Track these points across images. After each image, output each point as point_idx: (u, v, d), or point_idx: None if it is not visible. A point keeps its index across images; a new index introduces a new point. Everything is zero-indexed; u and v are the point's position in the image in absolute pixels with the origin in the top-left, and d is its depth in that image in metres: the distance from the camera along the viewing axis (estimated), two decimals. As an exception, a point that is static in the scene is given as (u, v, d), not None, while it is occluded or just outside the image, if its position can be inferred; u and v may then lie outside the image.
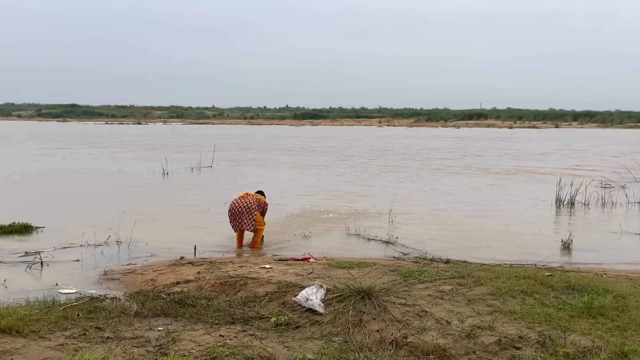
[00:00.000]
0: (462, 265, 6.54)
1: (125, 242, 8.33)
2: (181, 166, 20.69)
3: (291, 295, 5.20)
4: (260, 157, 27.21)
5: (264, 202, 8.43)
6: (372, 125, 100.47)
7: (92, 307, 5.17)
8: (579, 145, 39.41)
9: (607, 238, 9.28)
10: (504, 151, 32.41)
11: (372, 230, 9.24)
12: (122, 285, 6.27)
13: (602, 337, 4.13)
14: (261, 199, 8.39)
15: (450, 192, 14.79)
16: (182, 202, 12.77)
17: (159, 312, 5.07)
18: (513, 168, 21.84)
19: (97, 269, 7.00)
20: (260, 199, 8.36)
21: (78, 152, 29.61)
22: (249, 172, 19.86)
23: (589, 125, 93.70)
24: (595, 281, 5.56)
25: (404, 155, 28.94)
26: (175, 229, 9.62)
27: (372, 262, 6.64)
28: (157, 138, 47.17)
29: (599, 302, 4.72)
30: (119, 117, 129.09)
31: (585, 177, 15.75)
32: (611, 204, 12.53)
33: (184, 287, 5.79)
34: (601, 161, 25.20)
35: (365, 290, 5.01)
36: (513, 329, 4.32)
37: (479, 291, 5.18)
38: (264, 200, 8.44)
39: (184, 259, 7.24)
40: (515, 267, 6.44)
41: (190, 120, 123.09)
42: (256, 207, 8.08)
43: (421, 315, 4.66)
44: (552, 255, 7.81)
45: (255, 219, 8.03)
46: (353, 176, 18.59)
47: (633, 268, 7.28)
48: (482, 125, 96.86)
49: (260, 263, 6.56)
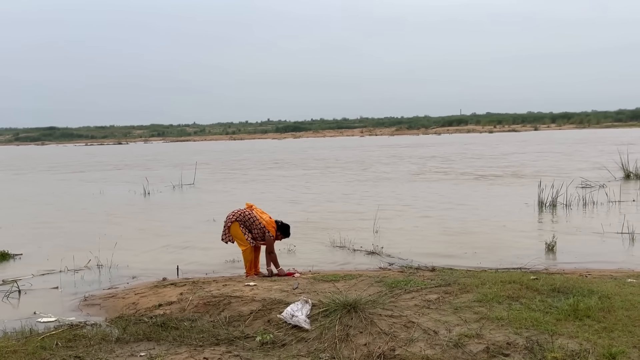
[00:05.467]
0: (448, 272, 6.51)
1: (106, 266, 8.16)
2: (162, 185, 20.48)
3: (276, 313, 5.10)
4: (243, 172, 27.08)
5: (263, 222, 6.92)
6: (354, 136, 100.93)
7: (71, 335, 5.03)
8: (557, 146, 39.96)
9: (590, 238, 9.34)
10: (484, 155, 32.70)
11: (357, 241, 9.18)
12: (102, 310, 6.12)
13: (589, 340, 4.11)
14: (257, 216, 6.94)
15: (434, 198, 14.82)
16: (164, 221, 12.60)
17: (141, 336, 4.95)
18: (495, 172, 22.01)
19: (77, 294, 6.83)
20: (255, 215, 6.93)
21: (56, 176, 29.17)
22: (232, 187, 19.71)
23: (567, 127, 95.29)
24: (580, 282, 5.56)
25: (387, 163, 29.03)
26: (157, 249, 9.46)
27: (357, 274, 6.57)
28: (138, 157, 46.82)
29: (585, 304, 4.71)
30: (99, 138, 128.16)
31: (566, 178, 15.92)
32: (592, 204, 12.66)
33: (166, 310, 5.66)
34: (580, 161, 25.55)
35: (351, 304, 4.94)
36: (501, 336, 4.28)
37: (465, 298, 5.15)
38: (265, 223, 6.93)
39: (167, 280, 7.10)
40: (501, 272, 6.43)
41: (172, 138, 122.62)
42: (236, 218, 6.90)
43: (408, 326, 4.60)
44: (536, 258, 7.82)
45: (230, 232, 6.95)
46: (335, 186, 18.55)
47: (617, 267, 7.32)
48: (462, 130, 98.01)
49: (244, 281, 6.46)
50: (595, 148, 35.75)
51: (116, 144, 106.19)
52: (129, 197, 17.70)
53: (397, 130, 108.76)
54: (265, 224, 6.93)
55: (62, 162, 42.37)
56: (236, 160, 37.71)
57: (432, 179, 20.19)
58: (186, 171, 23.57)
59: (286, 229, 7.10)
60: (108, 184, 22.37)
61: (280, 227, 7.06)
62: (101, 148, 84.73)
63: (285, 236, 7.16)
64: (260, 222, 6.92)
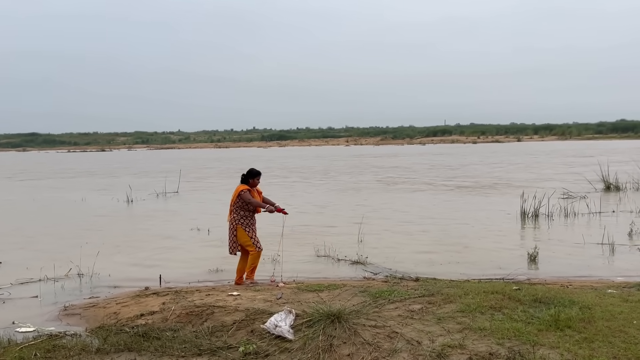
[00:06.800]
0: (432, 282, 6.53)
1: (87, 275, 8.05)
2: (146, 193, 20.30)
3: (260, 323, 5.08)
4: (228, 180, 26.96)
5: (241, 190, 6.88)
6: (339, 145, 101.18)
7: (50, 345, 4.95)
8: (540, 158, 40.48)
9: (571, 249, 9.45)
10: (469, 166, 33.00)
11: (341, 250, 9.18)
12: (83, 320, 6.02)
13: (570, 350, 4.15)
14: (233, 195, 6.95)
15: (418, 208, 14.89)
16: (147, 230, 12.48)
17: (122, 347, 4.88)
18: (478, 182, 22.21)
19: (57, 304, 6.72)
20: (234, 196, 6.93)
21: (39, 183, 28.75)
22: (218, 196, 19.60)
23: (549, 138, 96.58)
24: (562, 293, 5.62)
25: (374, 173, 29.13)
26: (140, 258, 9.36)
27: (341, 284, 6.57)
28: (121, 165, 46.43)
29: (566, 314, 4.76)
30: (81, 145, 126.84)
31: (548, 189, 16.13)
32: (573, 215, 12.83)
33: (148, 319, 5.59)
34: (562, 173, 25.89)
35: (335, 314, 4.93)
36: (483, 346, 4.30)
37: (448, 309, 5.17)
38: (239, 189, 6.90)
39: (149, 289, 7.02)
40: (484, 283, 6.47)
41: (156, 146, 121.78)
42: (237, 222, 6.86)
43: (392, 336, 4.60)
44: (519, 268, 7.90)
45: (238, 239, 6.91)
46: (320, 195, 18.56)
47: (597, 278, 7.42)
48: (446, 141, 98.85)
49: (228, 290, 6.41)
50: (577, 160, 36.28)
51: (99, 151, 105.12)
52: (112, 205, 17.51)
53: (382, 140, 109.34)
54: (235, 192, 6.95)
55: (42, 169, 41.82)
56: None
57: (414, 190, 20.29)
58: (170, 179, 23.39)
59: (249, 173, 7.06)
60: (91, 192, 22.10)
61: (245, 177, 7.05)
62: (84, 155, 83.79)
63: (254, 177, 7.04)
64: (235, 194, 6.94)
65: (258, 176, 7.11)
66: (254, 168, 7.18)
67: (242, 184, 7.05)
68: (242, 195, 6.89)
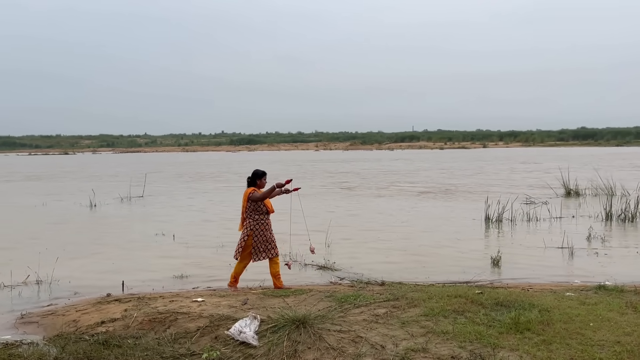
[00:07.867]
0: (397, 286, 6.58)
1: (46, 282, 7.81)
2: (110, 197, 19.87)
3: (224, 329, 5.02)
4: (193, 184, 26.64)
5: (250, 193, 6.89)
6: (309, 150, 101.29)
7: (6, 354, 4.78)
8: (504, 164, 41.41)
9: (533, 253, 9.68)
10: (434, 171, 33.49)
11: (308, 256, 9.16)
12: (41, 328, 5.84)
13: (529, 352, 4.24)
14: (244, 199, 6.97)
15: (383, 213, 15.02)
16: (110, 235, 12.20)
17: (81, 355, 4.75)
18: (443, 188, 22.55)
19: (14, 312, 6.50)
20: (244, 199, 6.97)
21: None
22: (182, 201, 19.34)
23: (513, 145, 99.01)
24: (522, 296, 5.75)
25: (340, 177, 29.26)
26: (102, 264, 9.14)
27: (308, 289, 6.56)
28: (86, 168, 45.36)
29: (526, 317, 4.87)
30: (44, 148, 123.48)
31: (511, 195, 16.50)
32: (535, 220, 13.15)
33: (109, 327, 5.46)
34: (525, 179, 26.54)
35: (300, 319, 4.92)
36: (446, 350, 4.36)
37: (412, 313, 5.22)
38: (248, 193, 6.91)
39: (111, 295, 6.86)
40: (448, 287, 6.56)
41: (122, 149, 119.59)
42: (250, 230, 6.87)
43: (356, 341, 4.62)
44: (482, 272, 8.05)
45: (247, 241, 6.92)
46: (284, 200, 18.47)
47: (557, 281, 7.62)
48: (414, 147, 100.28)
49: (192, 297, 6.33)
50: (539, 166, 37.26)
51: (62, 154, 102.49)
52: (75, 209, 17.07)
53: (351, 145, 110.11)
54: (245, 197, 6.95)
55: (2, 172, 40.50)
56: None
57: (380, 195, 20.46)
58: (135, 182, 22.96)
59: (255, 175, 7.08)
60: (53, 196, 21.50)
61: (251, 179, 7.04)
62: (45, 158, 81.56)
63: (260, 177, 7.05)
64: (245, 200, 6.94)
65: (264, 176, 7.14)
66: (258, 169, 7.17)
67: (249, 187, 7.01)
68: (251, 196, 6.86)
